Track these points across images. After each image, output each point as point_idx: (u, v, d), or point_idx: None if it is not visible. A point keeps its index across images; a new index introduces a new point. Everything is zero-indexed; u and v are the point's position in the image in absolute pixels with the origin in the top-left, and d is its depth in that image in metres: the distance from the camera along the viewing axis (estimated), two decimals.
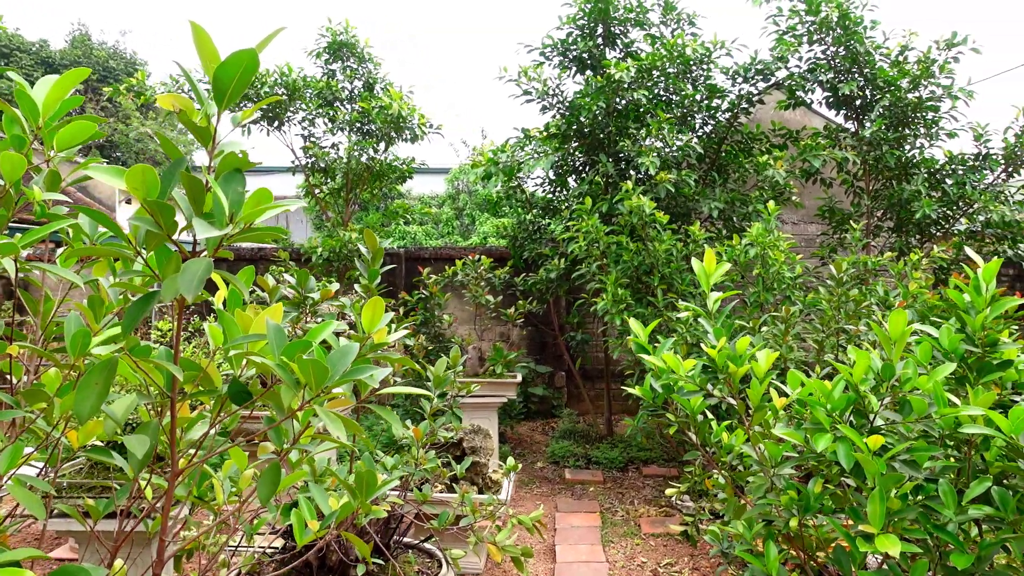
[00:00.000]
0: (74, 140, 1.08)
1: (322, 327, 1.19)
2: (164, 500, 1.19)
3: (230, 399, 1.21)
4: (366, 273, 2.69)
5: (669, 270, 5.46)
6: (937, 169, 6.56)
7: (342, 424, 1.09)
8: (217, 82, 1.00)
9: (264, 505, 1.19)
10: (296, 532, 1.38)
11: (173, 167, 0.99)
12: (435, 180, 21.49)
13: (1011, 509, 1.91)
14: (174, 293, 0.97)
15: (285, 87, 7.08)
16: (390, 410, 1.28)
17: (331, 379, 1.10)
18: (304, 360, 1.06)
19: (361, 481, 1.38)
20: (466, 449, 4.31)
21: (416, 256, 8.65)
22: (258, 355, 1.13)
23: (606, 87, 6.13)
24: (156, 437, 1.13)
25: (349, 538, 1.43)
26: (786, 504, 2.19)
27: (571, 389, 8.65)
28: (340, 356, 1.14)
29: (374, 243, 2.71)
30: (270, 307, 1.21)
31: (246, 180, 1.04)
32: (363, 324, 1.27)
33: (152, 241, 1.02)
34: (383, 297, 5.99)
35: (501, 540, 3.13)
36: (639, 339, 2.65)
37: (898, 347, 2.08)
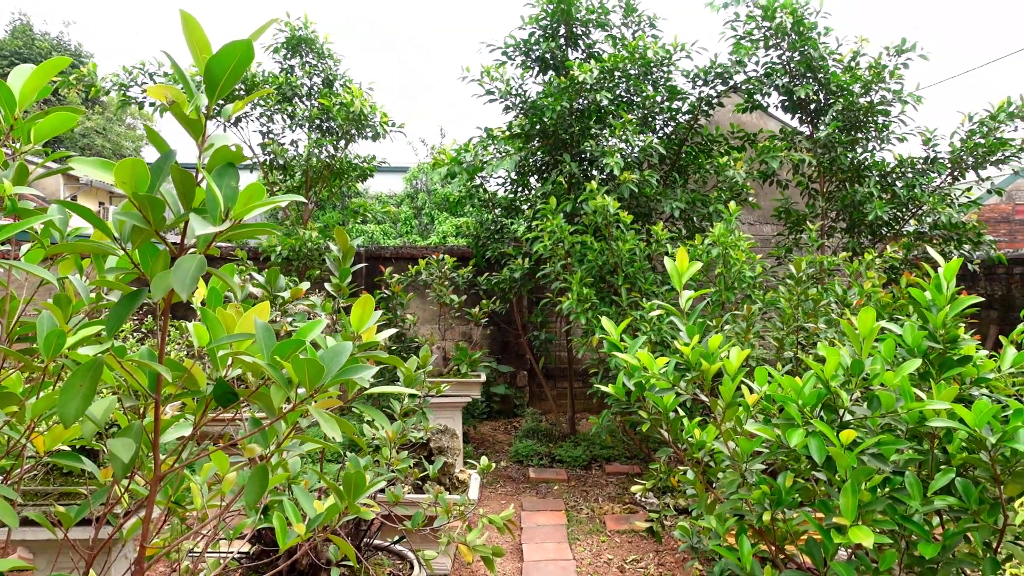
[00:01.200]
0: (53, 132, 1.04)
1: (311, 326, 1.16)
2: (146, 505, 1.15)
3: (215, 400, 1.17)
4: (337, 271, 2.65)
5: (632, 269, 5.52)
6: (888, 172, 6.77)
7: (335, 423, 1.07)
8: (209, 74, 0.96)
9: (250, 508, 1.16)
10: (279, 536, 1.35)
11: (162, 161, 0.95)
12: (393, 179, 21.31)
13: (974, 499, 1.98)
14: (164, 291, 0.93)
15: (243, 82, 6.93)
16: (377, 410, 1.25)
17: (325, 379, 1.08)
18: (300, 359, 1.04)
19: (349, 482, 1.35)
20: (433, 449, 4.28)
21: (377, 255, 8.56)
22: (248, 354, 1.10)
23: (569, 88, 6.16)
24: (140, 439, 1.09)
25: (334, 540, 1.40)
26: (758, 498, 2.23)
27: (533, 388, 8.68)
28: (333, 356, 1.11)
29: (345, 241, 2.67)
30: (256, 306, 1.18)
31: (239, 175, 1.01)
32: (352, 323, 1.25)
33: (138, 237, 0.98)
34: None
35: (472, 540, 3.12)
36: (611, 337, 2.67)
37: (867, 343, 2.14)
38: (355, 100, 6.72)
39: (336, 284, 2.65)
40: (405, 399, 3.02)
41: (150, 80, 7.00)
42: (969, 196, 6.91)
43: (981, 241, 6.60)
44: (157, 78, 6.96)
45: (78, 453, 1.55)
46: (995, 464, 1.93)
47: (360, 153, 7.71)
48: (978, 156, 6.37)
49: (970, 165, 6.52)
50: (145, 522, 1.16)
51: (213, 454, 1.31)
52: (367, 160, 7.55)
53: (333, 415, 1.08)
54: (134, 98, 7.01)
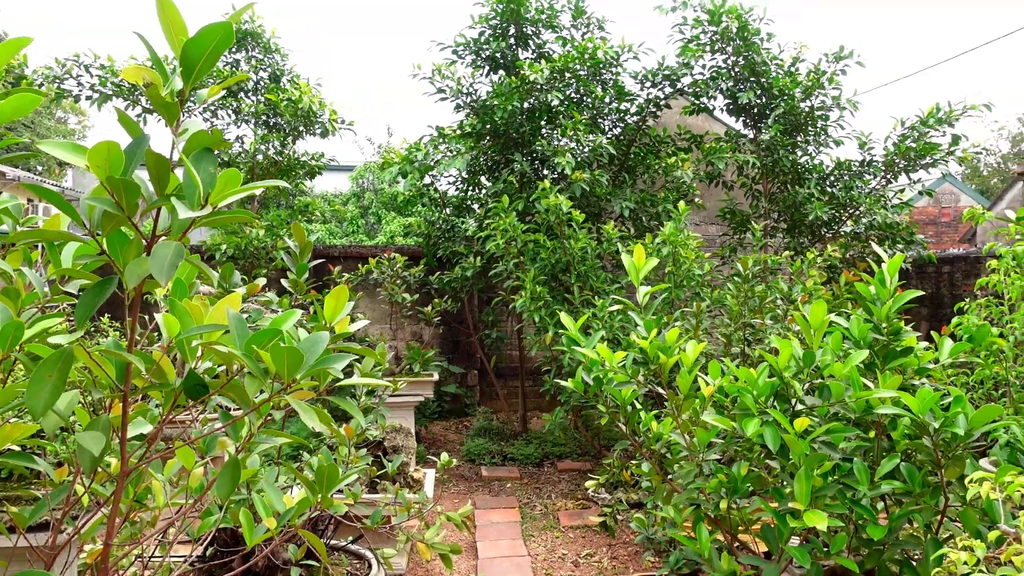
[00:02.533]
0: (15, 114, 0.99)
1: (285, 317, 1.14)
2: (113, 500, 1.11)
3: (185, 393, 1.14)
4: (294, 267, 2.61)
5: (584, 268, 5.58)
6: (827, 174, 7.02)
7: (315, 414, 1.06)
8: (186, 58, 0.94)
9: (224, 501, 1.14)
10: (246, 532, 1.32)
11: (135, 145, 0.92)
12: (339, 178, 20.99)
13: (917, 483, 2.08)
14: (139, 278, 0.91)
15: None
16: (351, 402, 1.25)
17: (303, 368, 1.07)
18: (279, 348, 1.02)
19: (322, 475, 1.33)
20: (388, 448, 4.25)
21: (325, 254, 8.43)
22: (222, 344, 1.07)
23: (520, 87, 6.19)
24: (109, 433, 1.06)
25: (305, 535, 1.38)
26: (714, 488, 2.29)
27: (484, 387, 8.68)
28: (311, 345, 1.10)
29: (303, 237, 2.63)
30: (228, 296, 1.16)
31: (217, 161, 0.99)
32: (326, 314, 1.23)
33: (109, 223, 0.95)
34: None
35: (430, 538, 3.11)
36: (570, 332, 2.70)
37: (818, 335, 2.22)
38: (303, 96, 6.60)
39: (293, 280, 2.61)
40: (363, 397, 2.99)
41: (85, 72, 6.74)
42: (901, 198, 7.23)
43: (913, 241, 6.91)
44: (93, 71, 6.70)
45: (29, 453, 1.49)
46: (937, 449, 2.03)
47: (308, 150, 7.59)
48: (910, 160, 6.67)
49: (902, 168, 6.83)
50: (111, 519, 1.12)
51: (179, 450, 1.28)
52: (315, 157, 7.43)
53: (311, 405, 1.07)
54: (69, 91, 6.74)
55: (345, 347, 1.24)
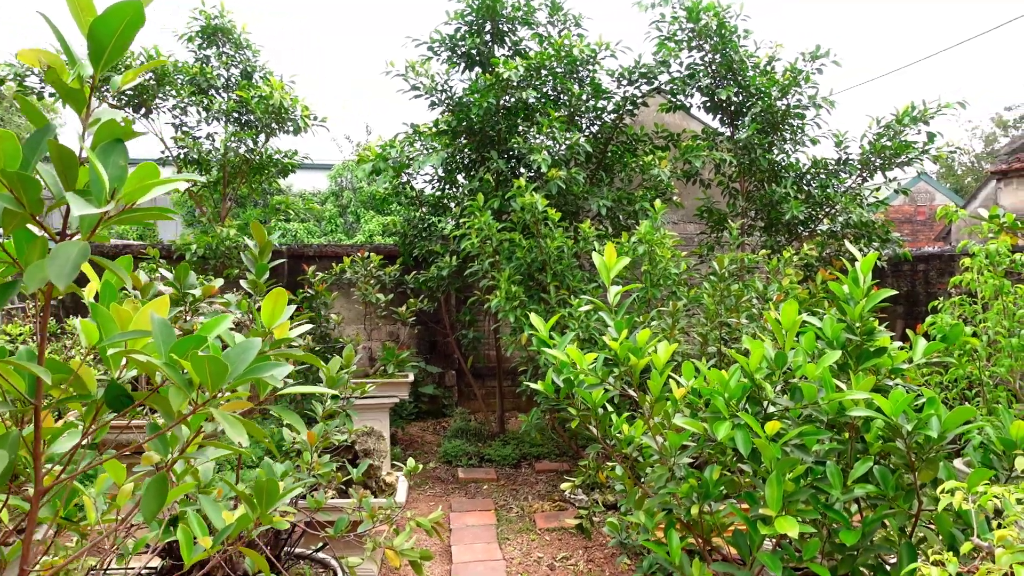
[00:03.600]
0: None
1: (215, 321, 1.06)
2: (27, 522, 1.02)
3: (107, 404, 1.06)
4: (254, 268, 2.51)
5: (561, 267, 5.52)
6: (803, 173, 7.02)
7: (242, 427, 0.98)
8: (94, 38, 0.86)
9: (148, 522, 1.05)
10: (183, 550, 1.24)
11: (39, 135, 0.84)
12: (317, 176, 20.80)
13: (891, 486, 2.03)
14: (40, 281, 0.83)
15: (152, 71, 6.58)
16: (293, 412, 1.17)
17: (230, 378, 0.99)
18: (199, 357, 0.94)
19: (261, 491, 1.25)
20: (359, 452, 4.16)
21: (300, 254, 8.30)
22: (142, 353, 0.99)
23: (496, 85, 6.11)
24: (16, 450, 0.97)
25: (245, 552, 1.30)
26: (686, 492, 2.24)
27: (462, 388, 8.60)
28: (240, 353, 1.02)
29: (262, 236, 2.54)
30: (154, 300, 1.08)
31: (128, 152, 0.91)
32: (263, 318, 1.15)
33: (11, 221, 0.87)
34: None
35: (399, 544, 3.03)
36: (540, 334, 2.64)
37: (790, 335, 2.17)
38: (274, 93, 6.48)
39: (253, 281, 2.52)
40: (327, 401, 2.91)
41: None
42: (877, 196, 7.25)
43: (889, 239, 6.92)
44: None
45: None
46: (910, 451, 1.98)
47: (281, 148, 7.45)
48: (885, 158, 6.68)
49: (878, 166, 6.84)
50: (26, 541, 1.04)
51: (107, 463, 1.19)
52: (288, 155, 7.30)
53: (239, 418, 0.99)
54: (32, 88, 6.56)
55: (285, 353, 1.16)
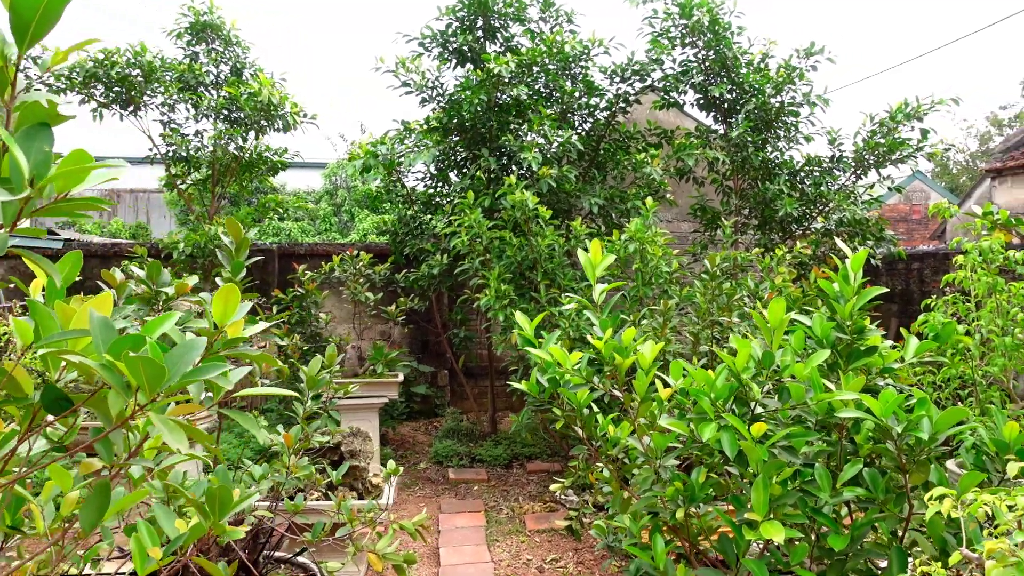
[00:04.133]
0: None
1: (160, 319, 1.00)
2: None
3: (45, 408, 1.00)
4: (229, 265, 2.45)
5: (551, 265, 5.46)
6: (797, 170, 6.97)
7: (182, 433, 0.92)
8: (16, 13, 0.80)
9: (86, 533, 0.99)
10: (136, 562, 1.18)
11: None
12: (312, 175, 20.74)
13: (881, 489, 1.98)
14: None
15: (139, 68, 6.50)
16: (251, 416, 1.11)
17: (169, 381, 0.93)
18: (132, 358, 0.88)
19: (213, 499, 1.19)
20: (344, 453, 4.09)
21: (291, 252, 8.23)
22: (76, 354, 0.93)
23: (487, 81, 6.05)
24: None
25: (201, 564, 1.24)
26: (672, 495, 2.18)
27: (454, 387, 8.54)
28: (182, 353, 0.96)
29: (238, 232, 2.47)
30: (96, 297, 1.02)
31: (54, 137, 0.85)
32: (214, 316, 1.09)
33: None
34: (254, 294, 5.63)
35: (382, 548, 2.97)
36: (525, 333, 2.58)
37: (777, 334, 2.11)
38: (264, 90, 6.40)
39: (228, 279, 2.45)
40: (308, 402, 2.84)
41: None
42: (871, 194, 7.20)
43: (883, 237, 6.87)
44: None
45: None
46: (901, 453, 1.93)
47: (271, 145, 7.37)
48: (879, 155, 6.63)
49: (872, 164, 6.79)
50: None
51: (51, 469, 1.13)
52: (278, 152, 7.22)
53: (180, 422, 0.93)
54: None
55: (239, 354, 1.10)
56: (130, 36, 41.53)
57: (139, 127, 6.94)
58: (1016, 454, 1.96)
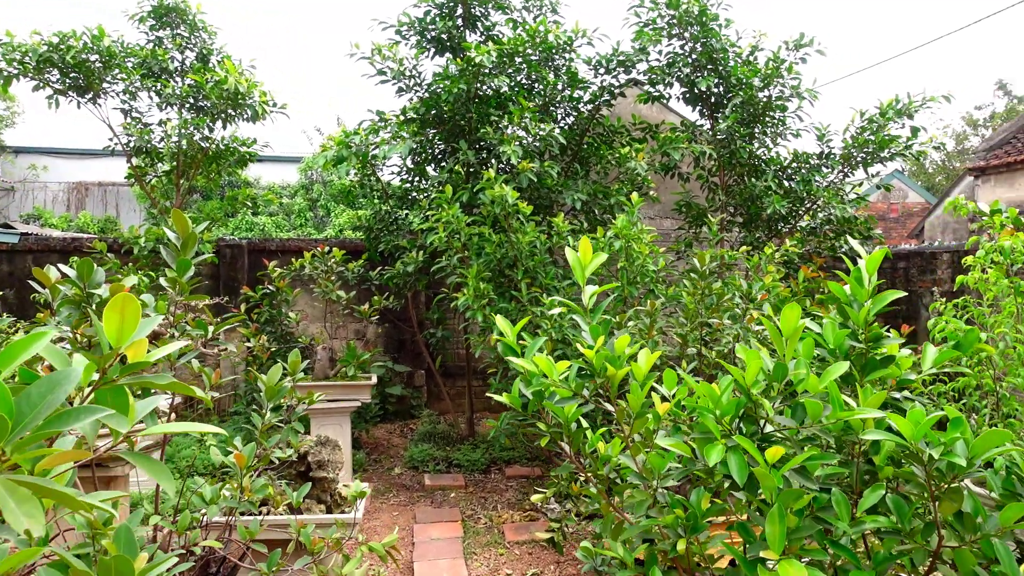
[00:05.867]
0: None
1: (24, 343, 0.74)
2: None
3: None
4: (174, 263, 2.17)
5: (533, 263, 5.22)
6: (784, 167, 6.79)
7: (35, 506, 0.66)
8: None
9: None
10: None
11: None
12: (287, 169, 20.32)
13: (907, 518, 1.77)
14: None
15: (98, 53, 6.15)
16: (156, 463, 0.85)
17: (18, 433, 0.67)
18: None
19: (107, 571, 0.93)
20: (311, 464, 3.81)
21: (261, 248, 7.91)
22: None
23: (467, 71, 5.79)
24: None
25: None
26: (671, 523, 1.95)
27: (431, 388, 8.28)
28: (43, 393, 0.70)
29: (185, 226, 2.20)
30: None
31: None
32: (107, 334, 0.83)
33: None
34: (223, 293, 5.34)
35: (349, 572, 2.71)
36: (506, 340, 2.33)
37: (791, 343, 1.89)
38: (230, 77, 6.08)
39: (173, 279, 2.17)
40: (267, 414, 2.57)
41: None
42: (858, 192, 7.05)
43: (871, 236, 6.73)
44: None
45: None
46: (930, 480, 1.71)
47: (240, 136, 7.04)
48: (868, 152, 6.48)
49: (860, 161, 6.63)
50: None
51: None
52: (246, 143, 6.89)
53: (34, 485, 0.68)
54: None
55: (141, 382, 0.84)
56: (88, 19, 40.50)
57: (98, 116, 6.59)
58: None
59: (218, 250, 7.58)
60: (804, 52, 6.28)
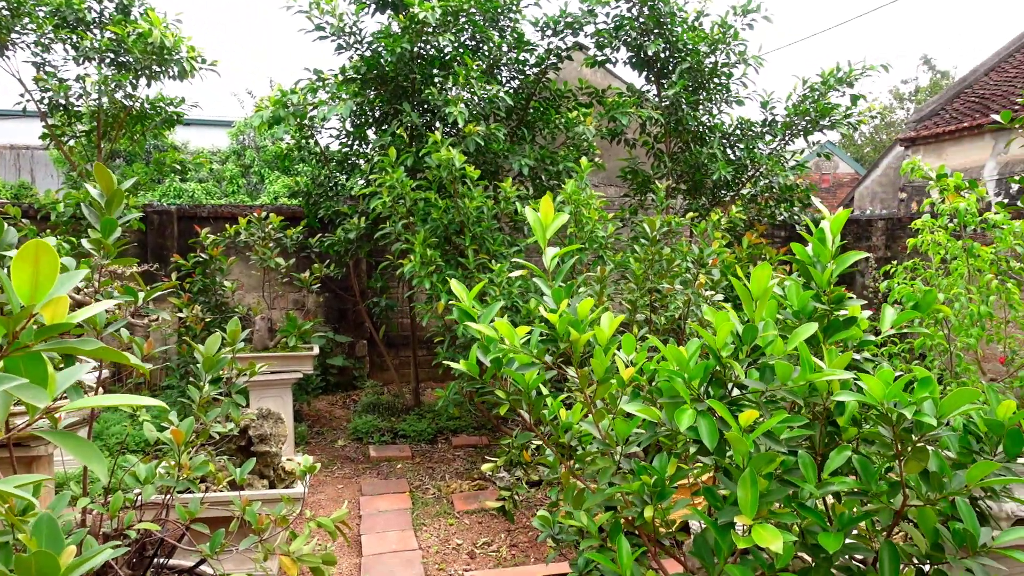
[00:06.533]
0: None
1: None
2: None
3: None
4: (98, 223, 1.98)
5: (480, 229, 5.11)
6: (729, 134, 6.83)
7: None
8: None
9: None
10: None
11: None
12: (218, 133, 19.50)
13: (874, 479, 1.76)
14: None
15: (4, 0, 5.65)
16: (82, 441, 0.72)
17: None
18: None
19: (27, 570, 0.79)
20: (253, 438, 3.65)
21: (192, 214, 7.53)
22: None
23: (409, 28, 5.56)
24: None
25: None
26: (637, 490, 1.90)
27: (374, 359, 8.11)
28: None
29: (109, 183, 2.00)
30: None
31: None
32: (16, 290, 0.69)
33: None
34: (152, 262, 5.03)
35: (297, 549, 2.60)
36: (462, 304, 2.22)
37: (760, 305, 1.84)
38: (154, 30, 5.68)
39: (97, 240, 1.98)
40: (205, 386, 2.41)
41: None
42: (799, 160, 7.16)
43: (810, 203, 6.85)
44: None
45: None
46: (897, 440, 1.71)
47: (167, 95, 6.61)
48: (810, 120, 6.56)
49: (802, 129, 6.72)
50: None
51: None
52: (174, 102, 6.49)
53: None
54: None
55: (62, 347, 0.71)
56: None
57: (7, 69, 6.08)
58: (1008, 435, 1.78)
59: (145, 216, 7.18)
60: (751, 18, 6.28)
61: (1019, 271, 2.72)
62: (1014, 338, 2.78)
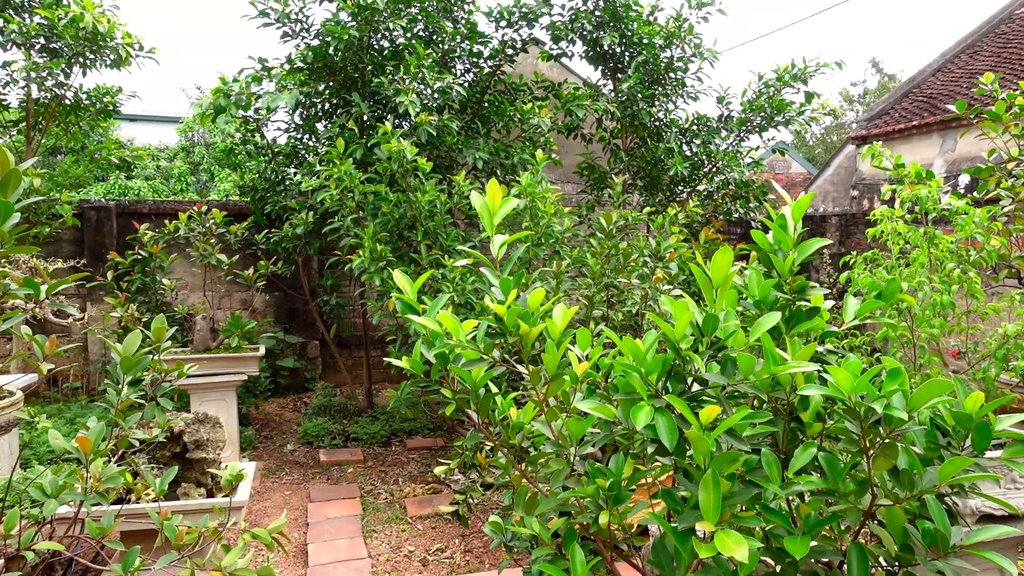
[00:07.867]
0: None
1: None
2: None
3: None
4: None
5: (433, 224, 4.94)
6: (685, 129, 6.78)
7: None
8: None
9: None
10: None
11: None
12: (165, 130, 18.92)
13: (841, 477, 1.66)
14: None
15: None
16: None
17: None
18: None
19: None
20: (188, 444, 3.43)
21: (132, 211, 7.19)
22: None
23: (359, 15, 5.36)
24: None
25: None
26: (592, 494, 1.77)
27: (326, 359, 7.87)
28: None
29: (4, 160, 1.79)
30: None
31: None
32: None
33: None
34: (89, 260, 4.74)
35: (230, 563, 2.40)
36: (406, 297, 2.06)
37: (721, 294, 1.73)
38: (86, 14, 5.37)
39: None
40: (124, 388, 2.20)
41: None
42: (754, 156, 7.16)
43: (766, 199, 6.85)
44: None
45: None
46: (864, 435, 1.61)
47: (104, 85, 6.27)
48: (765, 116, 6.55)
49: (757, 126, 6.71)
50: None
51: None
52: (110, 92, 6.17)
53: None
54: None
55: None
56: None
57: None
58: (976, 429, 1.69)
59: (81, 212, 6.82)
60: (706, 11, 6.24)
61: (977, 261, 2.68)
62: (976, 327, 2.75)
